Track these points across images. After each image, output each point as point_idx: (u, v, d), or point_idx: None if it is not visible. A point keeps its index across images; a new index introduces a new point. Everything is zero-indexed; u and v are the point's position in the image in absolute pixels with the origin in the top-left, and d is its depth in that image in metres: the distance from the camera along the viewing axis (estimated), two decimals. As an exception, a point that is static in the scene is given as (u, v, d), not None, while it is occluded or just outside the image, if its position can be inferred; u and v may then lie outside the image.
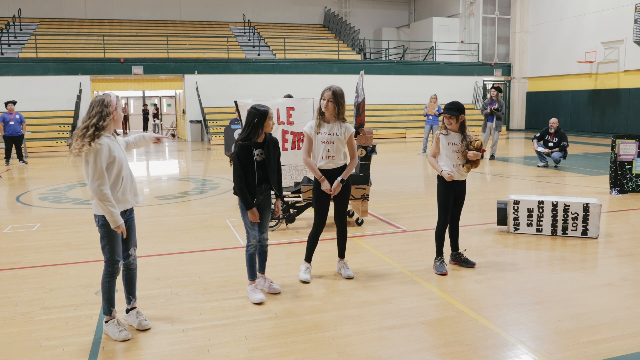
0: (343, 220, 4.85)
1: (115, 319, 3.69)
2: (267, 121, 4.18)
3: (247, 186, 4.19)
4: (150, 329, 3.78)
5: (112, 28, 25.18)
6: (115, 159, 3.50)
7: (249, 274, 4.36)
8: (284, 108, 6.92)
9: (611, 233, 6.38)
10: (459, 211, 5.08)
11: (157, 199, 8.96)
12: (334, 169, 4.64)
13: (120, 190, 3.57)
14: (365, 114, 6.74)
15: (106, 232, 3.56)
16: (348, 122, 4.71)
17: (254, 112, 4.16)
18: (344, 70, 22.94)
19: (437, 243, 5.03)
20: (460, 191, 4.97)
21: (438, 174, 4.95)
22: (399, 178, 11.03)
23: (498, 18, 26.00)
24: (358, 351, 3.43)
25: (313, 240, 4.82)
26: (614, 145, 8.81)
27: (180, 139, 23.72)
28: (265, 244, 4.49)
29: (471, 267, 5.07)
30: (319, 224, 4.75)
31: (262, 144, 4.25)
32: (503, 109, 13.71)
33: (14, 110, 13.72)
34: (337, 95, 4.55)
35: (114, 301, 3.72)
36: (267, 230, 4.49)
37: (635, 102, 19.80)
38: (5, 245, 6.12)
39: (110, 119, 3.49)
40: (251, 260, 4.34)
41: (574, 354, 3.37)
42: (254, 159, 4.19)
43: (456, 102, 4.86)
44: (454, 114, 4.78)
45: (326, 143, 4.58)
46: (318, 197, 4.69)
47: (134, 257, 3.82)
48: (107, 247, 3.59)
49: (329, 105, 4.54)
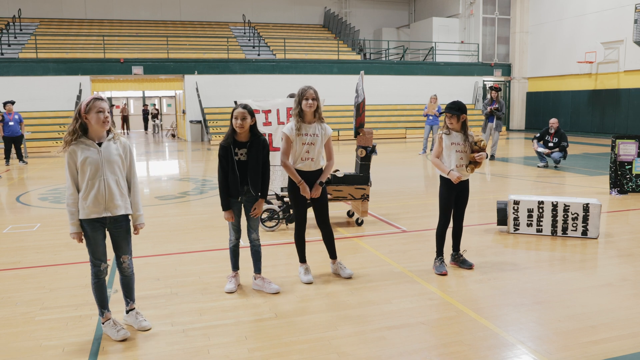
0: (327, 223, 4.80)
1: (111, 320, 3.67)
2: (233, 120, 4.22)
3: (228, 186, 4.28)
4: (150, 329, 3.78)
5: (112, 28, 25.18)
6: (79, 165, 3.44)
7: (231, 266, 4.67)
8: (283, 108, 6.91)
9: (611, 233, 6.38)
10: (463, 210, 5.02)
11: (157, 199, 8.96)
12: (312, 171, 4.62)
13: (84, 196, 3.47)
14: (365, 114, 6.74)
15: (84, 235, 3.57)
16: (326, 122, 4.70)
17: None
18: (344, 70, 22.94)
19: (438, 243, 5.02)
20: (463, 190, 4.93)
21: (440, 175, 4.94)
22: (399, 178, 11.03)
23: (498, 18, 26.01)
24: (358, 351, 3.43)
25: (300, 241, 4.81)
26: (614, 146, 8.81)
27: (180, 139, 23.73)
28: (256, 243, 4.55)
29: (469, 267, 5.06)
30: (300, 225, 4.75)
31: (246, 143, 4.27)
32: (503, 109, 13.71)
33: (13, 110, 13.71)
34: (317, 92, 4.56)
35: (105, 303, 3.69)
36: (256, 230, 4.53)
37: (635, 102, 19.80)
38: (5, 245, 6.12)
39: (79, 124, 3.43)
40: (232, 254, 4.63)
41: (574, 354, 3.36)
42: (234, 158, 4.23)
43: (458, 101, 4.83)
44: (455, 113, 4.77)
45: (307, 144, 4.54)
46: (295, 200, 4.67)
47: (128, 264, 3.75)
48: (88, 249, 3.60)
49: (314, 104, 4.51)
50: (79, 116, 3.44)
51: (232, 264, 4.63)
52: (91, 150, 3.47)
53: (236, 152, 4.26)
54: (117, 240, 3.67)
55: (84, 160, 3.44)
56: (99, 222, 3.54)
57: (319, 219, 4.77)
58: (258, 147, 4.30)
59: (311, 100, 4.50)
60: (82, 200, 3.49)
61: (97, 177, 3.47)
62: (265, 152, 4.37)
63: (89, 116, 3.43)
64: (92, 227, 3.53)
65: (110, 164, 3.52)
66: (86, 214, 3.50)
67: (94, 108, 3.42)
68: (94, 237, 3.56)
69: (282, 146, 4.60)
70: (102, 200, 3.50)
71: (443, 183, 4.93)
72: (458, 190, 4.91)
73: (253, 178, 4.30)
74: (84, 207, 3.49)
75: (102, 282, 3.66)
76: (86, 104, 3.44)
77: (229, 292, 4.46)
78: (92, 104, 3.43)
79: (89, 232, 3.54)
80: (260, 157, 4.32)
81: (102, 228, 3.58)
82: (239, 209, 4.45)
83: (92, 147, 3.48)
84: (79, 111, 3.46)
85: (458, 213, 5.01)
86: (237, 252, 4.60)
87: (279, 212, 6.57)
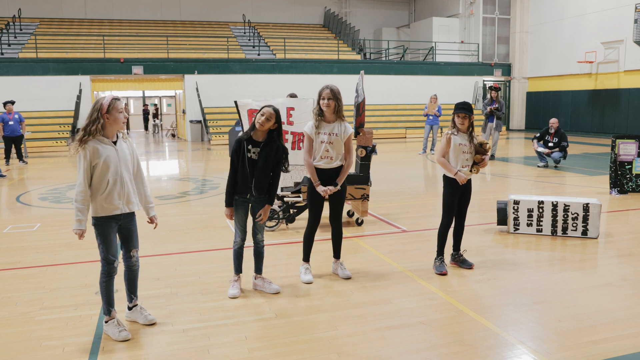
0: (339, 221, 4.83)
1: (115, 319, 3.69)
2: (258, 115, 4.21)
3: (236, 182, 4.26)
4: (155, 324, 3.82)
5: (112, 28, 25.18)
6: (100, 163, 3.49)
7: (234, 269, 4.49)
8: (284, 108, 6.91)
9: (611, 233, 6.38)
10: (465, 209, 5.02)
11: (157, 199, 8.96)
12: (332, 169, 4.64)
13: (105, 194, 3.53)
14: (365, 114, 6.74)
15: (99, 232, 3.59)
16: (347, 121, 4.71)
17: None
18: (344, 70, 22.94)
19: (439, 242, 5.02)
20: (466, 190, 4.94)
21: (444, 174, 4.92)
22: (399, 178, 11.03)
23: (498, 18, 26.01)
24: (358, 351, 3.43)
25: (309, 240, 4.82)
26: (614, 145, 8.81)
27: (180, 139, 23.73)
28: (260, 244, 4.52)
29: (469, 267, 5.06)
30: (314, 223, 4.75)
31: (260, 143, 4.25)
32: (503, 109, 13.71)
33: (13, 110, 13.71)
34: (335, 92, 4.56)
35: (112, 301, 3.72)
36: (262, 231, 4.50)
37: (635, 102, 19.80)
38: (5, 245, 6.12)
39: (101, 124, 3.48)
40: (235, 256, 4.46)
41: (574, 354, 3.37)
42: (246, 154, 4.22)
43: (467, 102, 4.83)
44: (468, 114, 4.75)
45: (327, 143, 4.57)
46: (312, 198, 4.68)
47: (136, 258, 3.83)
48: (102, 247, 3.61)
49: (331, 103, 4.54)
50: (100, 116, 3.49)
51: (235, 267, 4.49)
52: (109, 148, 3.55)
53: (249, 149, 4.24)
54: (128, 235, 3.74)
55: (106, 158, 3.51)
56: (114, 219, 3.61)
57: (332, 215, 4.79)
58: (271, 150, 4.25)
59: (327, 100, 4.53)
60: (102, 198, 3.54)
61: (117, 174, 3.57)
62: (278, 158, 4.30)
63: (110, 116, 3.50)
64: (109, 224, 3.60)
65: (125, 163, 3.64)
66: (108, 211, 3.56)
67: (116, 109, 3.51)
68: (110, 235, 3.62)
69: (305, 145, 4.63)
70: (123, 197, 3.61)
71: (448, 183, 4.91)
72: (462, 190, 4.92)
73: (258, 179, 4.25)
74: (104, 205, 3.55)
75: (112, 280, 3.70)
76: (108, 104, 3.50)
77: (233, 297, 4.35)
78: (114, 105, 3.51)
79: (106, 230, 3.60)
80: (270, 160, 4.26)
81: (117, 225, 3.65)
82: (246, 209, 4.38)
83: (109, 145, 3.56)
84: (99, 110, 3.50)
85: (460, 212, 5.02)
86: (241, 254, 4.48)
87: (279, 212, 6.57)
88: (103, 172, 3.51)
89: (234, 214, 4.35)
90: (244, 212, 4.37)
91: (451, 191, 4.89)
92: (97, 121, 3.48)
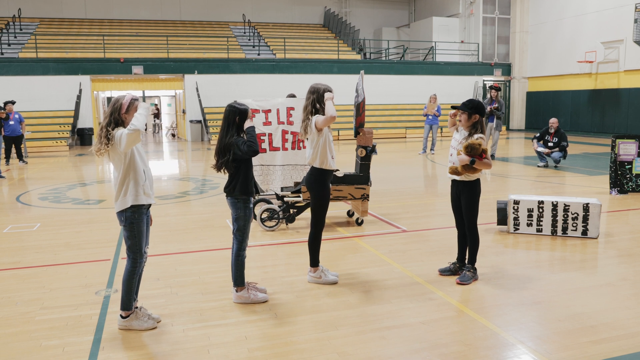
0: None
1: (135, 311, 3.76)
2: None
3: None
4: (160, 321, 3.86)
5: (112, 28, 25.17)
6: (139, 151, 3.64)
7: (241, 280, 4.21)
8: (284, 108, 6.92)
9: (611, 233, 6.38)
10: (463, 216, 4.76)
11: (157, 199, 8.96)
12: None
13: (147, 181, 3.66)
14: (365, 114, 6.74)
15: (137, 222, 3.66)
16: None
17: (235, 110, 4.06)
18: (344, 70, 22.94)
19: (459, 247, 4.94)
20: (459, 193, 4.72)
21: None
22: (399, 178, 11.03)
23: (498, 18, 26.01)
24: (358, 351, 3.43)
25: (319, 243, 4.69)
26: (614, 145, 8.81)
27: (180, 139, 23.73)
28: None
29: (457, 279, 4.78)
30: (323, 226, 4.69)
31: None
32: (503, 109, 13.72)
33: (13, 110, 13.71)
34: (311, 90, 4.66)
35: (134, 295, 3.80)
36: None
37: (635, 102, 19.79)
38: (5, 245, 6.12)
39: (121, 124, 3.58)
40: (242, 266, 4.22)
41: (574, 354, 3.37)
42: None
43: (473, 100, 4.63)
44: (466, 110, 4.53)
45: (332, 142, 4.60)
46: (325, 197, 4.59)
47: (147, 255, 3.89)
48: (135, 244, 3.69)
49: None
50: (119, 115, 3.57)
51: (243, 277, 4.26)
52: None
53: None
54: (146, 229, 3.82)
55: (134, 149, 3.61)
56: (146, 209, 3.73)
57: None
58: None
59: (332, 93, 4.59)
60: (146, 185, 3.65)
61: (145, 166, 3.70)
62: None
63: (129, 116, 3.59)
64: (143, 215, 3.71)
65: (144, 156, 3.78)
66: (146, 200, 3.67)
67: (134, 109, 3.60)
68: (144, 225, 3.72)
69: (323, 118, 4.42)
70: (151, 188, 3.73)
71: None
72: (456, 191, 4.77)
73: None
74: (146, 192, 3.66)
75: (140, 274, 3.80)
76: (127, 104, 3.58)
77: (265, 300, 4.24)
78: (134, 105, 3.60)
79: (142, 220, 3.68)
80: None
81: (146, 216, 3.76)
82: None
83: None
84: (117, 110, 3.57)
85: (462, 218, 4.80)
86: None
87: (279, 212, 6.56)
88: (137, 161, 3.62)
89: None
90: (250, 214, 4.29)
91: (451, 193, 4.87)
92: (118, 121, 3.57)
